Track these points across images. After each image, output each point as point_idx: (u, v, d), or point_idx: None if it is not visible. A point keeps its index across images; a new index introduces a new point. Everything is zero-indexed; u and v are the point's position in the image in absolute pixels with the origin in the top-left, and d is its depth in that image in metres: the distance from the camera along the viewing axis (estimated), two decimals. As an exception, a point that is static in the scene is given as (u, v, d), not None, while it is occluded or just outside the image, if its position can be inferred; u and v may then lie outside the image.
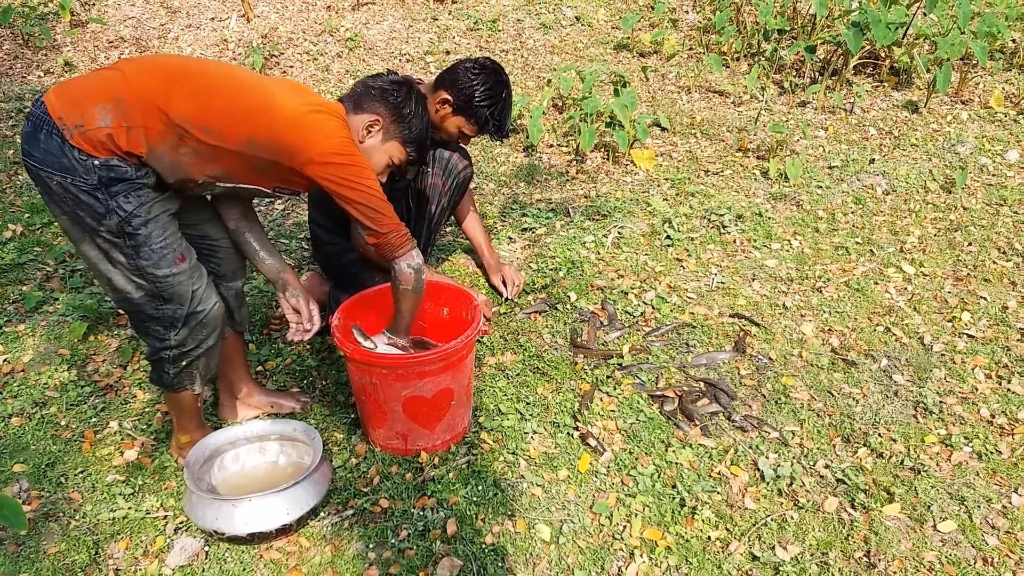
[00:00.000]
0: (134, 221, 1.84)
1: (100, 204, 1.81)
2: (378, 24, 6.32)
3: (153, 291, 1.94)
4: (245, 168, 1.94)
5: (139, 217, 1.85)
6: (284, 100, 1.91)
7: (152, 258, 1.89)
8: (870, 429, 2.49)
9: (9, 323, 2.94)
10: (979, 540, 2.11)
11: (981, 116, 4.98)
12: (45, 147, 1.77)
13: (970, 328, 3.00)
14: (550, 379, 2.69)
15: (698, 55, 5.95)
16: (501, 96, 2.59)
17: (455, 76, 2.57)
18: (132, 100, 1.79)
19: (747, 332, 2.96)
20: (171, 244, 1.92)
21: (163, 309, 1.97)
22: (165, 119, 1.80)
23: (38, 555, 2.02)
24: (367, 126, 2.09)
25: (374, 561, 2.02)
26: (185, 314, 1.99)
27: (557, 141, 4.76)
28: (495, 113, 2.60)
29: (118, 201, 1.82)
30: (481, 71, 2.57)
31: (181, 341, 2.02)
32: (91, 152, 1.77)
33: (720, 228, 3.71)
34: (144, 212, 1.86)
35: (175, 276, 1.93)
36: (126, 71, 1.84)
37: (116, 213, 1.82)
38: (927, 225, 3.79)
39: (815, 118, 5.03)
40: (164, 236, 1.90)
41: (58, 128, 1.76)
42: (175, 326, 2.00)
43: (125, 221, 1.84)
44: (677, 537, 2.10)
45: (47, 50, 5.73)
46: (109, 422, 2.47)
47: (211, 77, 1.91)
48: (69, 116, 1.76)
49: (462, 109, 2.58)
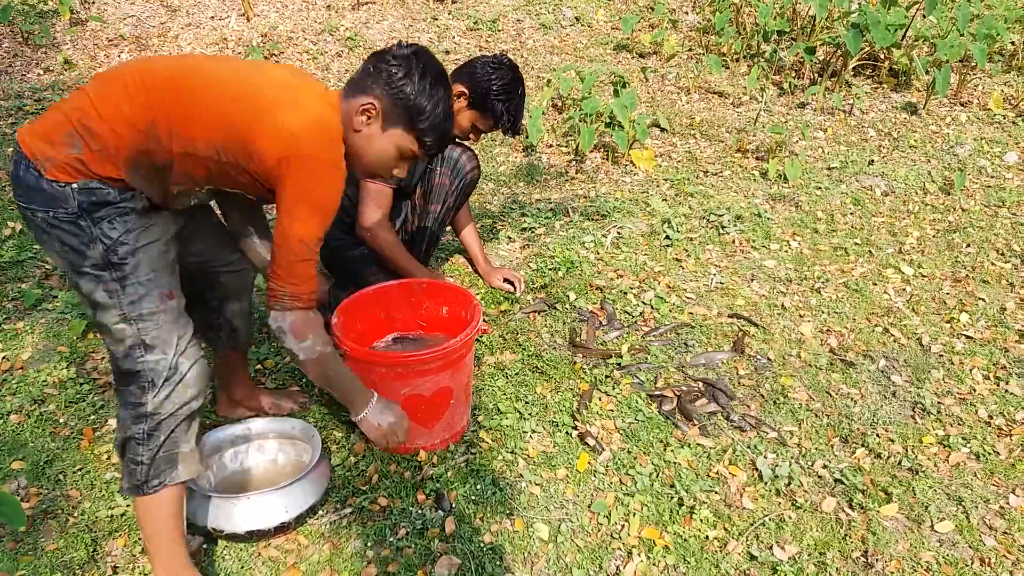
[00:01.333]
0: (120, 250, 1.69)
1: (83, 233, 1.67)
2: (378, 23, 6.33)
3: (136, 336, 1.72)
4: (221, 175, 1.78)
5: (125, 245, 1.69)
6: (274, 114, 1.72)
7: (138, 292, 1.71)
8: (868, 429, 2.50)
9: (8, 320, 2.94)
10: (977, 541, 2.11)
11: (980, 118, 4.99)
12: (26, 183, 1.67)
13: (968, 329, 3.00)
14: (549, 378, 2.69)
15: (698, 56, 5.96)
16: (517, 92, 2.62)
17: (472, 70, 2.60)
18: (99, 121, 1.66)
19: (746, 332, 2.96)
20: (160, 277, 1.75)
21: (144, 361, 1.72)
22: (132, 128, 1.67)
23: (36, 552, 2.03)
24: (361, 110, 1.83)
25: (372, 559, 2.02)
26: (168, 366, 1.73)
27: (556, 141, 4.76)
28: (510, 108, 2.61)
29: (102, 228, 1.67)
30: (499, 67, 2.59)
31: (158, 407, 1.73)
32: (67, 179, 1.65)
33: (719, 228, 3.72)
34: (132, 240, 1.70)
35: (160, 315, 1.73)
36: (91, 92, 1.70)
37: (100, 241, 1.67)
38: (926, 226, 3.80)
39: (814, 119, 5.03)
40: (152, 269, 1.73)
41: (33, 164, 1.65)
42: (154, 384, 1.73)
43: (110, 250, 1.68)
44: (675, 536, 2.10)
45: (47, 48, 5.73)
46: (108, 419, 2.47)
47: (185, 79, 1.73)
48: (40, 150, 1.65)
49: (477, 103, 2.60)
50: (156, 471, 1.76)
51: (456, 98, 2.61)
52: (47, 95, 4.99)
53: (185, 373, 1.75)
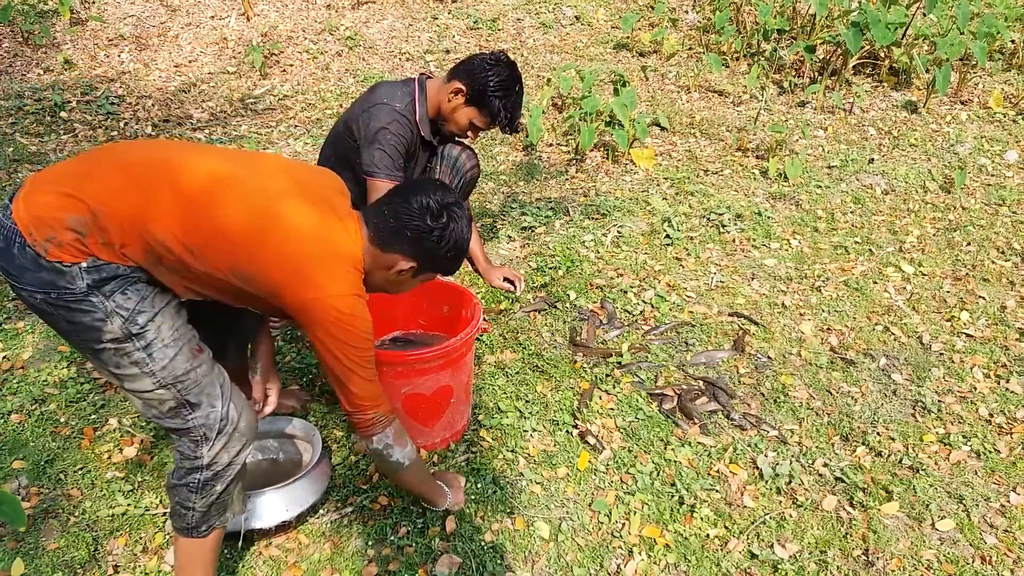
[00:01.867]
0: (139, 319, 1.59)
1: (96, 309, 1.55)
2: (378, 23, 6.33)
3: (178, 398, 1.64)
4: (231, 295, 1.70)
5: (144, 313, 1.60)
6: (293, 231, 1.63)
7: (167, 355, 1.62)
8: (869, 428, 2.50)
9: (8, 320, 2.94)
10: (977, 539, 2.11)
11: (980, 116, 4.99)
12: (20, 263, 1.53)
13: (969, 327, 3.00)
14: (549, 377, 2.69)
15: (698, 55, 5.96)
16: (514, 89, 2.61)
17: (470, 67, 2.60)
18: (109, 216, 1.54)
19: (746, 331, 2.96)
20: (184, 335, 1.67)
21: (192, 418, 1.66)
22: (145, 237, 1.56)
23: (38, 551, 2.03)
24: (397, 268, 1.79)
25: (373, 558, 2.02)
26: (219, 417, 1.67)
27: (556, 140, 4.76)
28: (507, 105, 2.61)
29: (115, 300, 1.56)
30: (496, 63, 2.59)
31: (214, 458, 1.68)
32: (73, 259, 1.52)
33: (719, 227, 3.72)
34: (148, 306, 1.61)
35: (196, 370, 1.66)
36: (108, 179, 1.58)
37: (118, 314, 1.57)
38: (926, 225, 3.79)
39: (814, 118, 5.03)
40: (174, 327, 1.65)
41: (29, 244, 1.51)
42: (208, 438, 1.67)
43: (129, 321, 1.58)
44: (676, 535, 2.10)
45: (47, 48, 5.73)
46: (108, 419, 2.47)
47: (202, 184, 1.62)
48: (39, 230, 1.51)
49: (475, 100, 2.60)
50: (207, 518, 1.73)
51: (454, 95, 2.61)
52: (47, 95, 4.99)
53: (238, 421, 1.70)
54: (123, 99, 5.13)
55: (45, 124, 4.69)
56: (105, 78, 5.42)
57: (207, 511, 1.71)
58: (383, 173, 2.59)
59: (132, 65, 5.65)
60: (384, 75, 5.56)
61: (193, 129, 4.83)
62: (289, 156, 4.44)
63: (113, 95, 5.16)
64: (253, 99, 5.27)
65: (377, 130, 2.59)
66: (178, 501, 1.71)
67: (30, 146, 4.40)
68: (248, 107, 5.17)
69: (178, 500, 1.71)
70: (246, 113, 5.09)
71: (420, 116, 2.67)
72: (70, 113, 4.85)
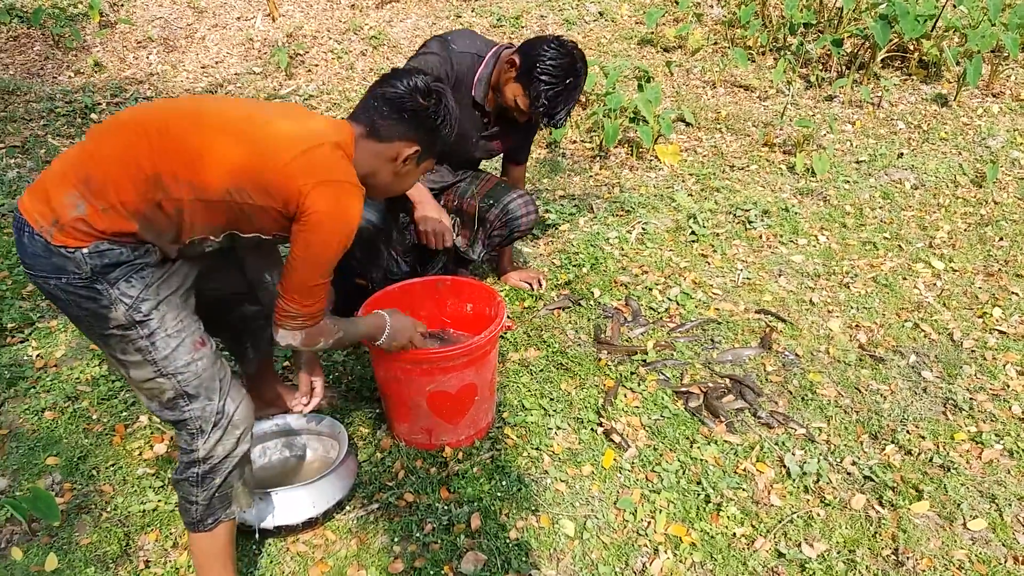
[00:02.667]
0: (143, 306, 1.62)
1: (102, 296, 1.59)
2: (402, 22, 6.35)
3: (177, 388, 1.68)
4: (225, 219, 1.69)
5: (147, 301, 1.63)
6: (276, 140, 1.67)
7: (169, 345, 1.65)
8: (898, 426, 2.46)
9: (42, 319, 2.99)
10: (1010, 539, 2.08)
11: (1012, 109, 4.89)
12: (32, 251, 1.58)
13: (1001, 324, 2.95)
14: (574, 375, 2.69)
15: (723, 49, 5.91)
16: (564, 80, 2.47)
17: (531, 42, 2.51)
18: (98, 174, 1.57)
19: (773, 328, 2.93)
20: (188, 327, 1.69)
21: (189, 410, 1.70)
22: (135, 179, 1.58)
23: (71, 546, 2.06)
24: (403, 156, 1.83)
25: (399, 554, 2.03)
26: (215, 411, 1.71)
27: (580, 137, 4.75)
28: (550, 93, 2.46)
29: (120, 288, 1.60)
30: (558, 48, 2.47)
31: (210, 451, 1.71)
32: (76, 244, 1.56)
33: (746, 223, 3.69)
34: (152, 294, 1.64)
35: (196, 363, 1.69)
36: (89, 145, 1.63)
37: (121, 301, 1.60)
38: (957, 220, 3.73)
39: (842, 112, 4.97)
40: (178, 318, 1.68)
41: (37, 232, 1.57)
42: (203, 431, 1.71)
43: (132, 308, 1.61)
44: (702, 533, 2.09)
45: (77, 51, 5.82)
46: (139, 416, 2.51)
47: (187, 119, 1.66)
48: (43, 215, 1.56)
49: (522, 76, 2.49)
50: (211, 511, 1.76)
51: (508, 66, 2.52)
52: (78, 97, 5.07)
53: (232, 414, 1.73)
54: (152, 100, 5.20)
55: (76, 126, 4.77)
56: (134, 80, 5.50)
57: (209, 504, 1.75)
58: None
59: (160, 67, 5.73)
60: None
61: (220, 129, 4.88)
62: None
63: (142, 96, 5.23)
64: (279, 99, 5.32)
65: (422, 52, 2.58)
66: (182, 495, 1.75)
67: (61, 148, 4.48)
68: (274, 107, 5.21)
69: (182, 494, 1.75)
70: (272, 113, 5.13)
71: (480, 75, 2.58)
72: (100, 115, 4.93)
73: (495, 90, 2.62)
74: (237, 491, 1.80)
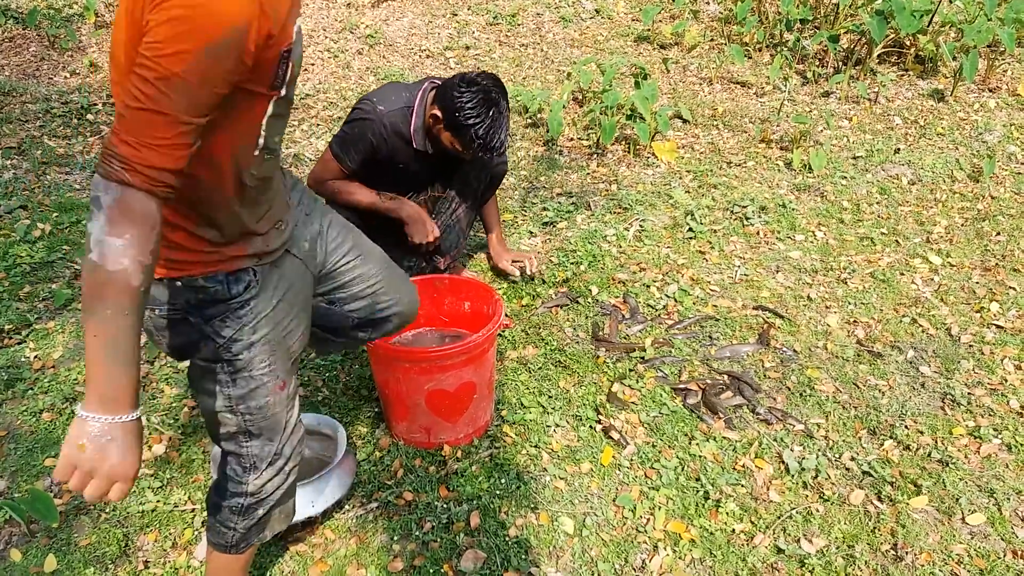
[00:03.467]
0: (233, 347, 1.49)
1: (193, 330, 1.47)
2: (398, 20, 6.34)
3: (241, 426, 1.58)
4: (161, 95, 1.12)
5: (239, 342, 1.49)
6: None
7: (249, 386, 1.53)
8: (896, 421, 2.47)
9: (40, 320, 2.98)
10: (1009, 533, 2.08)
11: (1009, 104, 4.89)
12: None
13: (999, 319, 2.95)
14: (572, 372, 2.69)
15: (719, 46, 5.91)
16: (488, 113, 2.47)
17: (443, 91, 2.53)
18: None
19: (771, 324, 2.94)
20: (276, 368, 1.56)
21: (247, 447, 1.60)
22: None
23: (70, 547, 2.06)
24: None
25: (399, 553, 2.03)
26: (272, 452, 1.62)
27: (577, 134, 4.75)
28: (479, 131, 2.47)
29: (213, 326, 1.47)
30: (468, 87, 2.47)
31: (259, 487, 1.64)
32: (166, 273, 1.40)
33: (743, 220, 3.69)
34: (246, 335, 1.49)
35: (269, 407, 1.58)
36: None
37: (212, 340, 1.48)
38: (954, 215, 3.74)
39: (839, 108, 4.97)
40: (269, 362, 1.54)
41: None
42: (256, 468, 1.62)
43: (223, 348, 1.49)
44: (701, 530, 2.09)
45: (73, 51, 5.80)
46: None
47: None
48: None
49: (448, 126, 2.52)
50: (247, 537, 1.70)
51: (433, 120, 2.56)
52: (74, 98, 5.06)
53: (289, 455, 1.66)
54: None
55: (72, 127, 4.76)
56: (130, 80, 5.48)
57: (247, 532, 1.69)
58: (337, 148, 2.63)
59: (156, 67, 5.71)
60: (404, 72, 5.57)
61: (216, 129, 4.87)
62: (311, 154, 4.47)
63: (138, 97, 5.21)
64: (275, 98, 5.30)
65: (351, 119, 2.63)
66: (219, 520, 1.67)
67: (57, 148, 4.47)
68: (270, 106, 5.20)
69: (219, 519, 1.67)
70: (268, 112, 5.12)
71: (415, 127, 2.61)
72: (96, 115, 4.91)
73: (431, 139, 2.64)
74: (274, 517, 1.73)
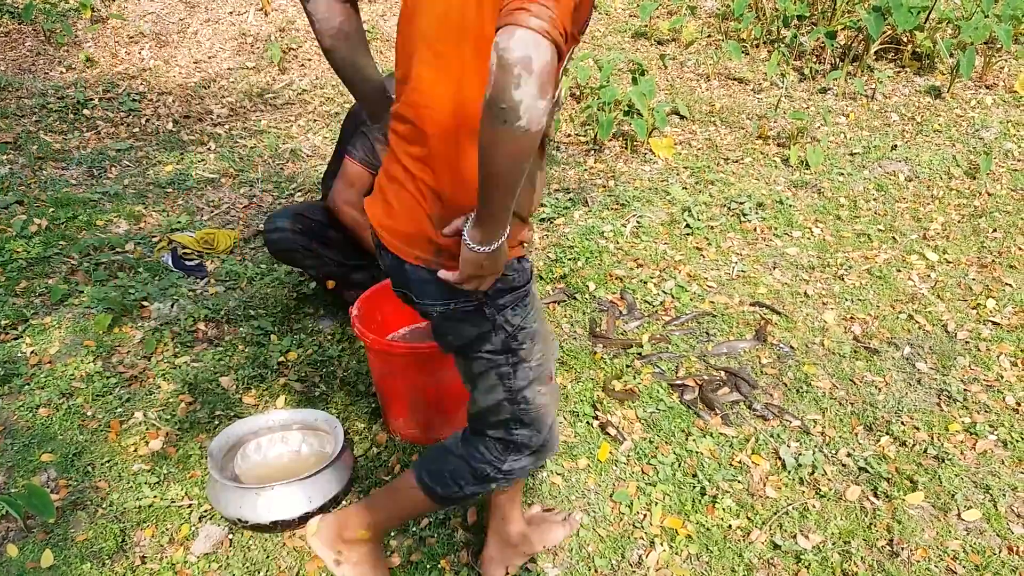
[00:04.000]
0: (519, 335, 1.53)
1: (487, 321, 1.49)
2: (394, 16, 6.33)
3: (515, 414, 1.60)
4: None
5: (525, 329, 1.53)
6: None
7: (528, 377, 1.57)
8: (893, 417, 2.47)
9: (36, 316, 2.98)
10: (1004, 529, 2.09)
11: (1006, 101, 4.90)
12: (419, 277, 1.48)
13: (995, 315, 2.96)
14: (569, 369, 2.69)
15: (717, 42, 5.90)
16: None
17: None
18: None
19: (768, 321, 2.94)
20: (547, 360, 1.62)
21: (517, 434, 1.63)
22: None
23: (66, 542, 2.06)
24: None
25: (396, 549, 2.03)
26: (540, 442, 1.66)
27: (575, 130, 4.74)
28: None
29: (506, 315, 1.49)
30: None
31: (512, 469, 1.66)
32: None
33: (740, 216, 3.69)
34: (531, 323, 1.54)
35: (542, 397, 1.61)
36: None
37: (503, 329, 1.50)
38: (951, 211, 3.74)
39: (836, 104, 4.97)
40: (542, 352, 1.59)
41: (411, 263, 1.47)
42: (519, 452, 1.65)
43: (511, 337, 1.52)
44: (698, 526, 2.10)
45: (68, 46, 5.78)
46: (134, 412, 2.50)
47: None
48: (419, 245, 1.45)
49: None
50: (460, 500, 1.74)
51: None
52: (70, 93, 5.04)
53: (552, 448, 1.70)
54: (144, 96, 5.17)
55: (68, 122, 4.74)
56: (126, 75, 5.47)
57: (465, 497, 1.72)
58: (359, 155, 2.62)
59: (152, 62, 5.70)
60: (402, 68, 5.56)
61: (214, 124, 4.86)
62: (308, 150, 4.47)
63: (134, 92, 5.20)
64: (272, 94, 5.30)
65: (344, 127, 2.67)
66: (451, 471, 1.68)
67: (54, 143, 4.45)
68: (267, 102, 5.19)
69: (452, 471, 1.68)
70: (265, 108, 5.12)
71: None
72: (92, 110, 4.90)
73: None
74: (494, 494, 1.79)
